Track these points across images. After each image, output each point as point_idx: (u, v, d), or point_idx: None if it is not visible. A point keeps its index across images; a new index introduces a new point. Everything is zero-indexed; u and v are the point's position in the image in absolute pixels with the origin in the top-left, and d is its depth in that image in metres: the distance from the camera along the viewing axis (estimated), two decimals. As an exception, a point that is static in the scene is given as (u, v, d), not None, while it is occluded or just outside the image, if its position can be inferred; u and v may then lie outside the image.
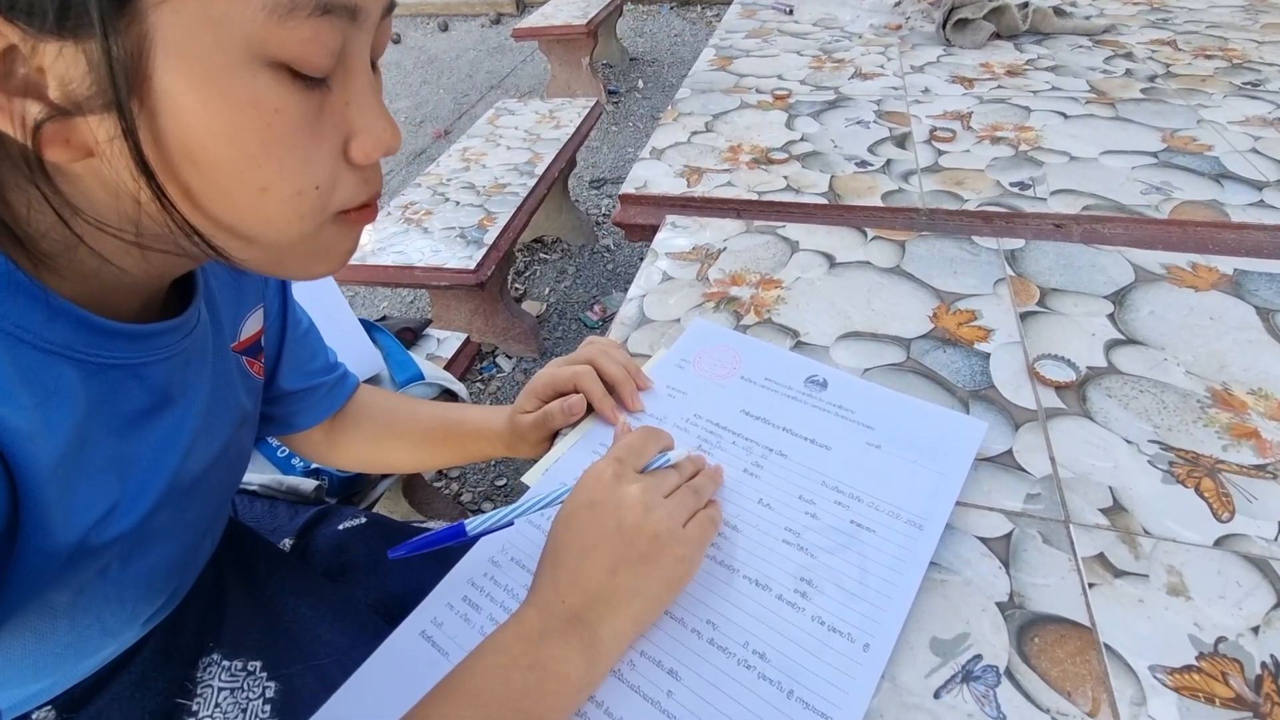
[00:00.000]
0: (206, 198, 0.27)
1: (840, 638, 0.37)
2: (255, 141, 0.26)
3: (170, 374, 0.37)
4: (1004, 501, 0.44)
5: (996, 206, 0.74)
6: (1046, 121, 0.90)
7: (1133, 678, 0.35)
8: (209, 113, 0.25)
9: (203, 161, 0.26)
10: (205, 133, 0.25)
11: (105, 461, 0.33)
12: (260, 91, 0.25)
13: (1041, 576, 0.40)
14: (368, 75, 0.29)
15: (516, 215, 1.54)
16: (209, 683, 0.46)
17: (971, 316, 0.58)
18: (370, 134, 0.29)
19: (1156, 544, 0.41)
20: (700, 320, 0.60)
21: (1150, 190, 0.74)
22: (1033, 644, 0.37)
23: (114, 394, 0.33)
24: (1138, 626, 0.37)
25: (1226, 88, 0.95)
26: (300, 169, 0.27)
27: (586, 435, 0.50)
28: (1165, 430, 0.47)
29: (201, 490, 0.42)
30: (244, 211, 0.28)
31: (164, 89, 0.24)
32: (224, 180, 0.26)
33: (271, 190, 0.27)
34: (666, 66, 3.48)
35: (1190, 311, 0.57)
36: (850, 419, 0.49)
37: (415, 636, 0.39)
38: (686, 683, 0.36)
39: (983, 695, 0.35)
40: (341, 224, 0.31)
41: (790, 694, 0.35)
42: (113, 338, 0.32)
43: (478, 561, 0.43)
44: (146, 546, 0.38)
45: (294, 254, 0.31)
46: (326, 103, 0.27)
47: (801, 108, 1.00)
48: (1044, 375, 0.52)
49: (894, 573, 0.39)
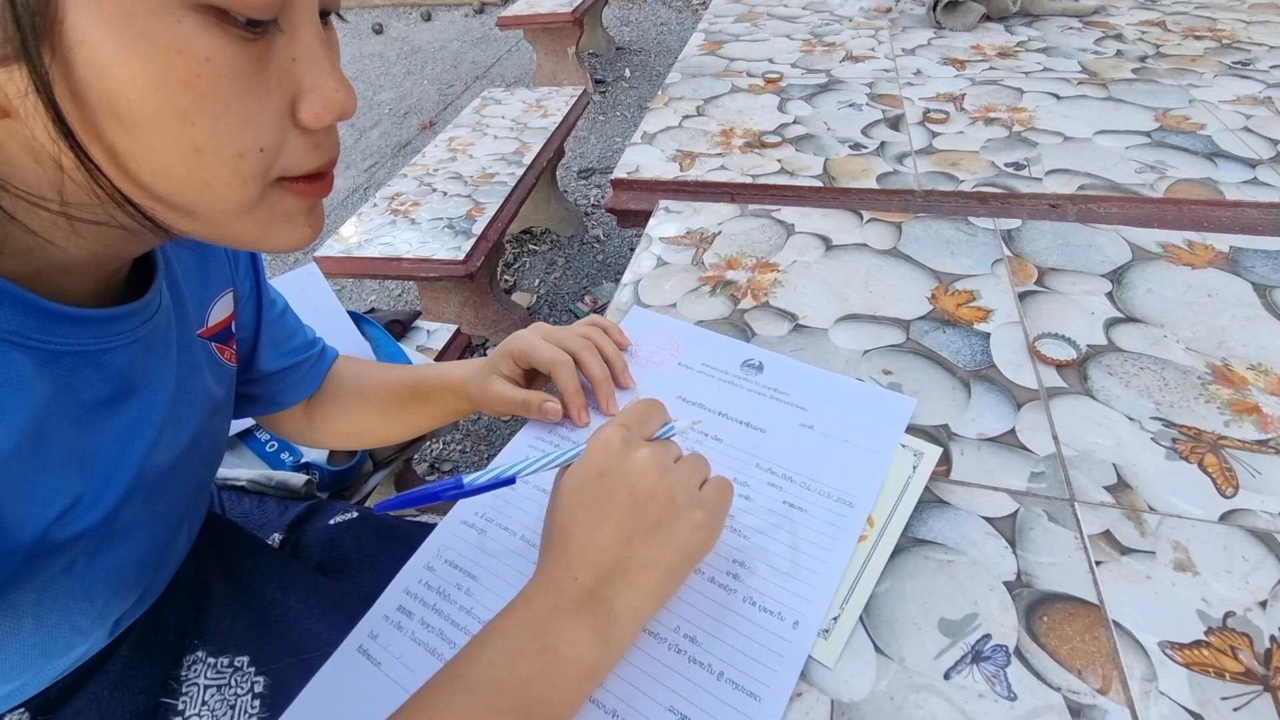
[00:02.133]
0: (136, 160, 0.24)
1: (771, 617, 0.37)
2: (184, 94, 0.23)
3: (131, 361, 0.35)
4: (1008, 481, 0.43)
5: (992, 187, 0.74)
6: (1039, 102, 0.89)
7: (1143, 654, 0.35)
8: (131, 60, 0.22)
9: (127, 117, 0.23)
10: (128, 84, 0.22)
11: (65, 454, 0.32)
12: (187, 38, 0.23)
13: (1048, 555, 0.39)
14: (316, 28, 0.27)
15: (505, 205, 1.52)
16: (194, 680, 0.45)
17: (970, 297, 0.58)
18: (319, 93, 0.27)
19: (1162, 520, 0.40)
20: (638, 308, 0.60)
21: (1145, 169, 0.74)
22: (1041, 622, 0.36)
23: (71, 383, 0.32)
24: (1146, 603, 0.37)
25: (1217, 67, 0.95)
26: (239, 127, 0.25)
27: (532, 423, 0.49)
28: (1167, 407, 0.47)
29: (172, 482, 0.40)
30: (179, 176, 0.25)
31: (78, 34, 0.21)
32: (153, 140, 0.24)
33: (207, 151, 0.25)
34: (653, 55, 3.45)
35: (1188, 289, 0.57)
36: (784, 401, 0.49)
37: (353, 652, 0.38)
38: (617, 671, 0.35)
39: (993, 675, 0.34)
40: (292, 192, 0.29)
41: (720, 675, 0.35)
42: (64, 322, 0.30)
43: (414, 569, 0.42)
44: (115, 541, 0.37)
45: (242, 224, 0.28)
46: (270, 56, 0.25)
47: (793, 91, 0.99)
48: (1045, 354, 0.52)
49: (824, 550, 0.39)
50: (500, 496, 0.45)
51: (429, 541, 0.43)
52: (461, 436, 1.57)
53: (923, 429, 0.47)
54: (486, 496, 0.45)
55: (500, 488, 0.38)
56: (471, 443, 1.56)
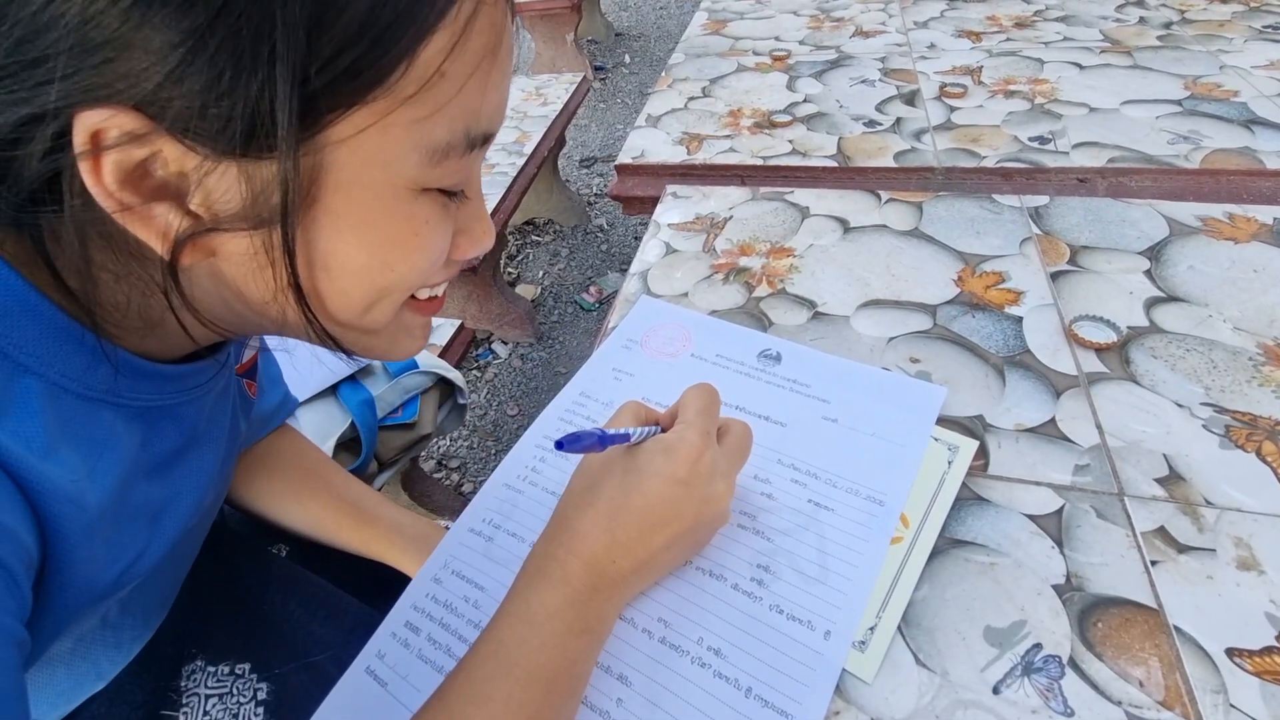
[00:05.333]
0: (330, 299, 0.27)
1: (800, 626, 0.34)
2: (399, 252, 0.26)
3: (200, 412, 0.35)
4: (1051, 475, 0.40)
5: (1016, 162, 0.70)
6: (1061, 73, 0.85)
7: (1209, 663, 0.32)
8: (366, 232, 0.25)
9: (337, 270, 0.26)
10: (356, 248, 0.25)
11: (140, 507, 0.31)
12: (417, 211, 0.26)
13: (1099, 555, 0.36)
14: (479, 182, 0.31)
15: (507, 195, 1.49)
16: (195, 690, 0.44)
17: (999, 278, 0.55)
18: (472, 235, 0.30)
19: (1220, 514, 0.37)
20: (647, 298, 0.57)
21: (1177, 140, 0.70)
22: (1096, 629, 0.33)
23: (151, 436, 0.32)
24: (1209, 606, 0.34)
25: (1246, 32, 0.91)
26: (425, 271, 0.28)
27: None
28: (1218, 391, 0.44)
29: (201, 524, 0.40)
30: (354, 309, 0.28)
31: (325, 213, 0.24)
32: (352, 283, 0.27)
33: (390, 290, 0.28)
34: (653, 41, 3.39)
35: (1232, 265, 0.53)
36: (805, 393, 0.46)
37: (361, 674, 0.36)
38: (637, 688, 0.33)
39: (1046, 688, 0.32)
40: (418, 311, 0.32)
41: (749, 692, 0.32)
42: (153, 379, 0.30)
43: (421, 583, 0.40)
44: (146, 586, 0.36)
45: (376, 339, 0.31)
46: (451, 209, 0.29)
47: (802, 68, 0.95)
48: (1083, 337, 0.49)
49: (854, 553, 0.37)
50: (508, 501, 0.43)
51: (436, 553, 0.41)
52: (468, 433, 1.55)
53: (956, 420, 0.44)
54: (494, 501, 0.43)
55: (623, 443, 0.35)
56: (479, 438, 1.54)
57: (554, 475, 0.44)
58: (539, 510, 0.42)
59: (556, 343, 1.74)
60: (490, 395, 1.63)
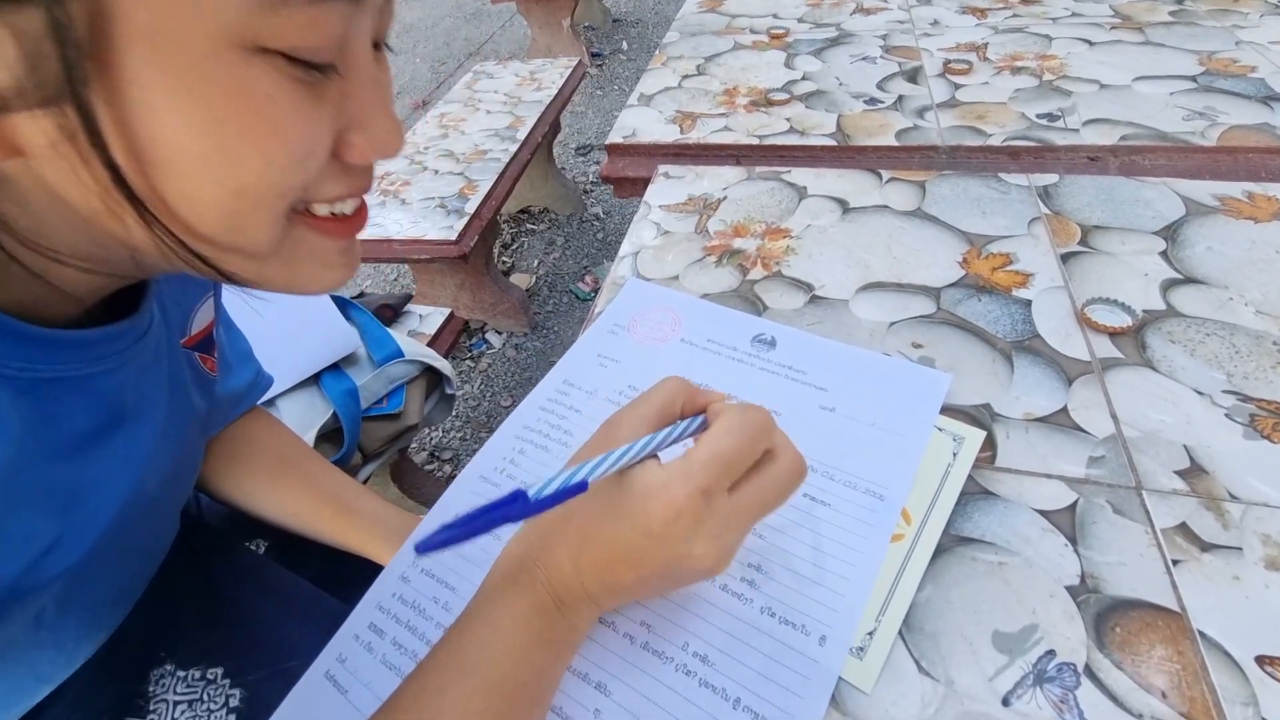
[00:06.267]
0: (180, 204, 0.22)
1: (793, 630, 0.32)
2: (239, 136, 0.22)
3: (123, 386, 0.32)
4: (1063, 467, 0.38)
5: (1024, 140, 0.67)
6: (1070, 49, 0.82)
7: (1237, 671, 0.29)
8: (185, 104, 0.20)
9: (175, 162, 0.21)
10: (179, 128, 0.21)
11: (43, 494, 0.28)
12: (252, 80, 0.21)
13: (1116, 554, 0.34)
14: (369, 63, 0.25)
15: (499, 182, 1.45)
16: (163, 697, 0.42)
17: (1006, 260, 0.52)
18: (369, 133, 0.25)
19: (1246, 510, 0.35)
20: (635, 280, 0.54)
21: (1193, 116, 0.67)
22: (1113, 635, 0.31)
23: (52, 413, 0.28)
24: (1236, 609, 0.31)
25: (1262, 6, 0.88)
26: (290, 168, 0.23)
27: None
28: (1240, 378, 0.41)
29: (157, 510, 0.37)
30: (213, 218, 0.23)
31: (129, 78, 0.19)
32: (191, 184, 0.22)
33: (249, 192, 0.23)
34: (651, 27, 3.34)
35: (1253, 245, 0.51)
36: (801, 381, 0.44)
37: (320, 679, 0.34)
38: (616, 698, 0.31)
39: (1060, 700, 0.29)
40: (318, 231, 0.27)
41: (737, 702, 0.30)
42: (48, 347, 0.27)
43: (387, 582, 0.37)
44: (89, 583, 0.33)
45: (269, 267, 0.26)
46: (325, 93, 0.23)
47: (801, 46, 0.91)
48: (1095, 321, 0.46)
49: (853, 551, 0.34)
50: (483, 495, 0.40)
51: (403, 552, 0.38)
52: (461, 424, 1.52)
53: (961, 409, 0.42)
54: (468, 495, 0.40)
55: (572, 496, 0.28)
56: (472, 429, 1.51)
57: (532, 468, 0.41)
58: None
59: (551, 333, 1.71)
60: (484, 386, 1.60)
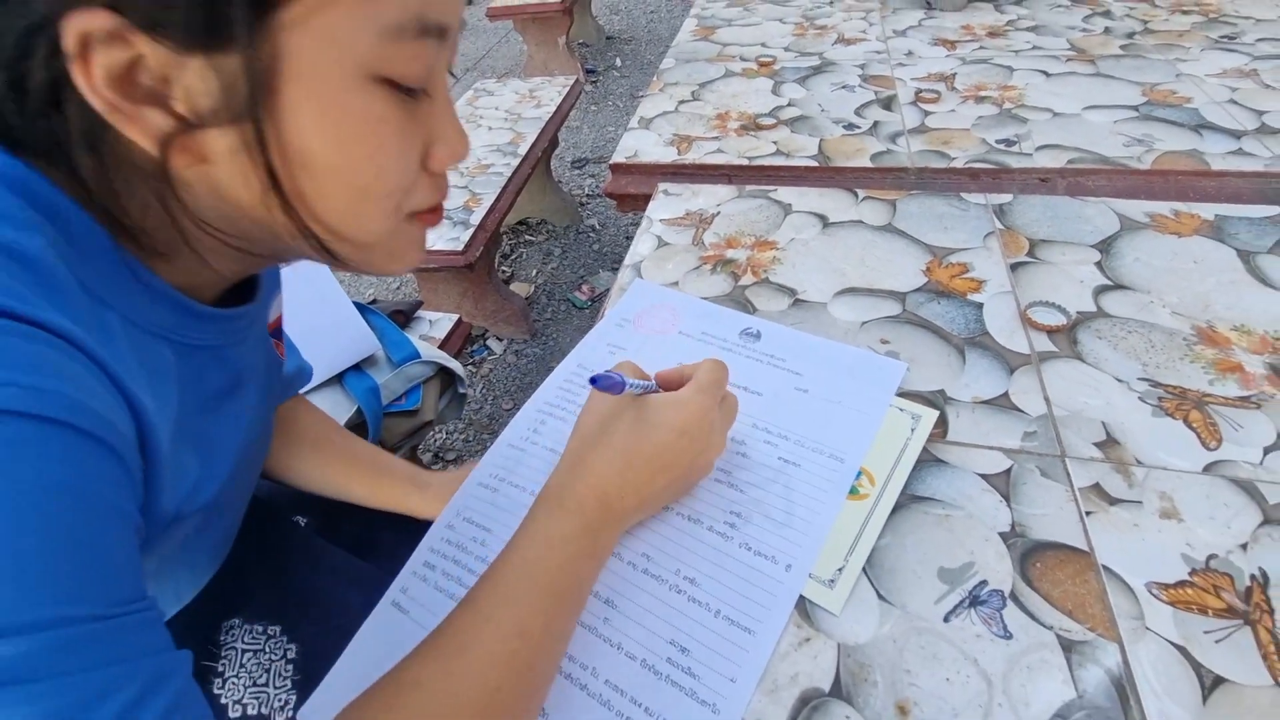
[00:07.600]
0: (314, 201, 0.29)
1: (765, 560, 0.39)
2: (362, 149, 0.28)
3: (241, 356, 0.39)
4: (1003, 440, 0.45)
5: (983, 163, 0.75)
6: (1029, 80, 0.91)
7: (1130, 594, 0.37)
8: (328, 124, 0.27)
9: (314, 169, 0.28)
10: (322, 142, 0.27)
11: (193, 439, 0.35)
12: (371, 104, 0.27)
13: (1040, 507, 0.41)
14: (446, 88, 0.32)
15: (502, 195, 1.53)
16: (232, 645, 0.48)
17: (963, 269, 0.60)
18: (447, 143, 0.32)
19: (1149, 473, 0.42)
20: (640, 280, 0.62)
21: (1132, 143, 0.76)
22: (1035, 568, 0.38)
23: (200, 374, 0.35)
24: (1133, 548, 0.39)
25: (1203, 41, 0.97)
26: (395, 174, 0.30)
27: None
28: (1154, 368, 0.49)
29: (253, 464, 0.45)
30: (342, 213, 0.30)
31: (289, 104, 0.26)
32: (330, 184, 0.28)
33: (370, 192, 0.29)
34: (644, 44, 3.44)
35: (1174, 256, 0.59)
36: (781, 367, 0.51)
37: (388, 607, 0.41)
38: (622, 609, 0.38)
39: (989, 617, 0.36)
40: (413, 224, 0.34)
41: (718, 613, 0.37)
42: (203, 320, 0.34)
43: (437, 531, 0.45)
44: (216, 518, 0.41)
45: (377, 251, 0.33)
46: (416, 113, 0.30)
47: (787, 74, 1.00)
48: (1036, 321, 0.53)
49: (817, 501, 0.42)
50: (512, 458, 0.48)
51: (450, 505, 0.45)
52: (465, 426, 1.59)
53: (920, 394, 0.49)
54: (500, 459, 0.48)
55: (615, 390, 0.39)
56: (474, 431, 1.58)
57: (553, 436, 0.48)
58: (540, 465, 0.46)
59: (550, 339, 1.78)
60: (485, 390, 1.67)
